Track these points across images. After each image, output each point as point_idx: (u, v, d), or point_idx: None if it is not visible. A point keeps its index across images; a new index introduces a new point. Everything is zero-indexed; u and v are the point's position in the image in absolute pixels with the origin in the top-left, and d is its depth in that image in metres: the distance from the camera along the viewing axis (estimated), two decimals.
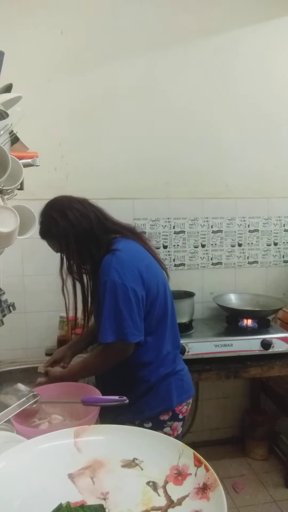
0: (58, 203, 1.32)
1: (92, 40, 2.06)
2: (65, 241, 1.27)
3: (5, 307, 1.33)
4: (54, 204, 1.32)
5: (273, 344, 1.95)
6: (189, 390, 1.39)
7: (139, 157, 2.18)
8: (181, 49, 2.17)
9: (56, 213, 1.28)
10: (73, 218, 1.27)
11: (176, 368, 1.36)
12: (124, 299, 1.19)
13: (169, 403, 1.31)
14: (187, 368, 1.43)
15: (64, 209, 1.28)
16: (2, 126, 1.06)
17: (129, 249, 1.28)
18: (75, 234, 1.26)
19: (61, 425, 1.03)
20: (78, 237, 1.26)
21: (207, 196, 2.30)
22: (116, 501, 0.67)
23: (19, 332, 2.15)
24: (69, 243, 1.27)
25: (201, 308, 2.36)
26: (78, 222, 1.27)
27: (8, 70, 1.11)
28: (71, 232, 1.26)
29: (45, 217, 1.30)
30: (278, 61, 2.29)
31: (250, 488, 2.19)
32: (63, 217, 1.27)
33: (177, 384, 1.34)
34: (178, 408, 1.33)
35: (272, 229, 2.41)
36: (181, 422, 1.37)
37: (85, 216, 1.28)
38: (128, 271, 1.21)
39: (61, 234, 1.27)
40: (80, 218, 1.27)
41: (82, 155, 2.10)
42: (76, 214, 1.28)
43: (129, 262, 1.23)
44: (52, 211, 1.29)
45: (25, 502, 0.65)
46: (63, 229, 1.26)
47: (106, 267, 1.22)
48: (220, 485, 0.63)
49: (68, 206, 1.29)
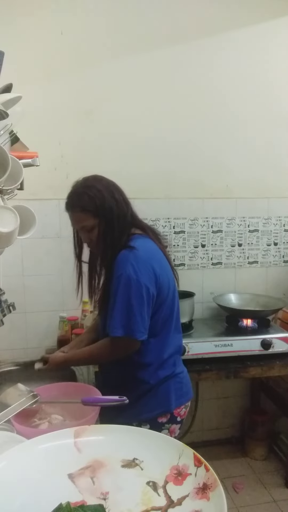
0: (104, 179, 1.27)
1: (92, 40, 2.06)
2: (105, 218, 1.22)
3: (5, 307, 1.33)
4: (100, 179, 1.27)
5: (273, 344, 1.95)
6: (188, 393, 1.38)
7: (139, 156, 2.18)
8: (181, 49, 2.17)
9: (102, 187, 1.24)
10: (119, 198, 1.24)
11: (175, 371, 1.35)
12: (136, 295, 1.18)
13: (167, 406, 1.30)
14: (186, 370, 1.42)
15: (110, 187, 1.25)
16: (2, 126, 1.06)
17: (146, 248, 1.26)
18: (117, 215, 1.22)
19: (61, 425, 1.03)
20: (119, 219, 1.23)
21: (207, 196, 2.30)
22: (116, 501, 0.67)
23: (19, 332, 2.15)
24: (108, 223, 1.22)
25: (201, 308, 2.36)
26: (121, 205, 1.24)
27: (8, 70, 1.11)
28: (115, 211, 1.22)
29: (90, 189, 1.24)
30: (278, 61, 2.29)
31: (250, 488, 2.19)
32: (110, 194, 1.23)
33: (176, 386, 1.33)
34: (176, 410, 1.32)
35: (272, 229, 2.41)
36: (179, 425, 1.36)
37: (125, 200, 1.27)
38: (144, 269, 1.20)
39: (105, 210, 1.22)
40: (122, 201, 1.25)
41: (82, 155, 2.10)
42: (120, 195, 1.25)
43: (145, 260, 1.22)
44: (98, 184, 1.24)
45: (25, 502, 0.65)
46: (109, 206, 1.22)
47: (123, 261, 1.20)
48: (220, 485, 0.63)
49: (113, 186, 1.27)
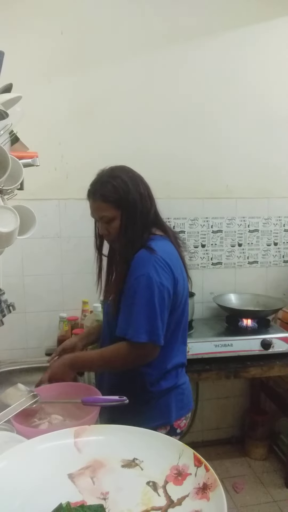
0: (131, 171, 1.23)
1: (92, 40, 2.06)
2: (127, 210, 1.17)
3: (5, 307, 1.33)
4: (128, 170, 1.23)
5: (273, 344, 1.95)
6: (188, 404, 1.34)
7: (139, 156, 2.17)
8: (181, 49, 2.17)
9: (128, 179, 1.19)
10: (144, 193, 1.19)
11: (178, 383, 1.30)
12: (159, 297, 1.12)
13: (167, 418, 1.26)
14: (188, 380, 1.37)
15: (136, 180, 1.20)
16: (2, 126, 1.06)
17: (166, 251, 1.21)
18: (140, 208, 1.18)
19: (61, 425, 1.03)
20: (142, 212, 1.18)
21: (207, 196, 2.30)
22: (116, 501, 0.67)
23: (19, 332, 2.15)
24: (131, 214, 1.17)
25: (201, 308, 2.36)
26: (145, 200, 1.19)
27: (8, 70, 1.11)
28: (138, 204, 1.17)
29: (115, 179, 1.19)
30: (279, 61, 2.29)
31: (250, 488, 2.19)
32: (135, 187, 1.18)
33: (177, 398, 1.29)
34: (176, 422, 1.28)
35: (272, 229, 2.41)
36: (178, 436, 1.30)
37: (150, 196, 1.22)
38: (165, 271, 1.15)
39: (128, 202, 1.17)
40: (147, 196, 1.20)
41: (82, 155, 2.10)
42: (145, 190, 1.21)
43: (165, 263, 1.17)
44: (124, 175, 1.20)
45: (25, 502, 0.65)
46: (133, 199, 1.17)
47: (143, 261, 1.15)
48: (220, 485, 0.63)
49: (140, 178, 1.22)
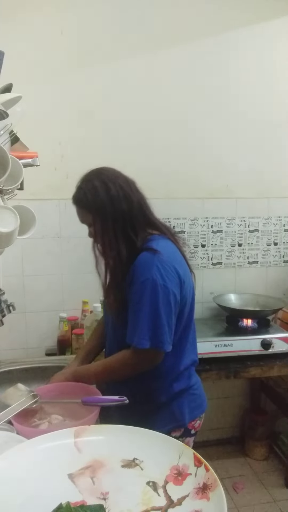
0: (105, 173, 1.20)
1: (92, 40, 2.06)
2: (98, 215, 1.16)
3: (5, 307, 1.33)
4: (100, 173, 1.20)
5: (273, 344, 1.95)
6: (202, 404, 1.31)
7: (139, 156, 2.18)
8: (181, 50, 2.17)
9: (98, 183, 1.17)
10: (115, 194, 1.15)
11: (190, 383, 1.28)
12: (164, 302, 1.09)
13: (181, 420, 1.24)
14: (200, 380, 1.35)
15: (108, 182, 1.17)
16: (2, 126, 1.06)
17: (169, 251, 1.18)
18: (112, 212, 1.15)
19: (61, 425, 1.03)
20: (115, 216, 1.15)
21: (207, 196, 2.30)
22: (116, 501, 0.67)
23: (19, 332, 2.14)
24: (103, 219, 1.16)
25: (201, 308, 2.36)
26: (119, 201, 1.15)
27: (8, 70, 1.11)
28: (108, 209, 1.15)
29: (86, 184, 1.19)
30: (278, 62, 2.29)
31: (250, 488, 2.19)
32: (105, 189, 1.15)
33: (190, 399, 1.27)
34: (190, 424, 1.26)
35: (272, 229, 2.41)
36: (193, 437, 1.30)
37: (127, 197, 1.17)
38: (170, 273, 1.12)
39: (97, 206, 1.16)
40: (122, 198, 1.16)
41: (82, 155, 2.09)
42: (119, 191, 1.16)
43: (170, 264, 1.13)
44: (96, 179, 1.18)
45: (25, 502, 0.65)
46: (101, 202, 1.15)
47: (147, 264, 1.11)
48: (220, 485, 0.63)
49: (113, 180, 1.17)
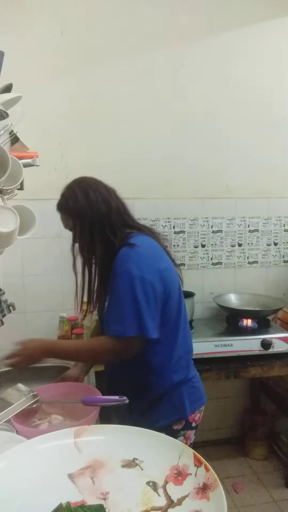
0: (85, 181, 1.30)
1: (92, 40, 2.06)
2: (78, 219, 1.25)
3: (5, 307, 1.33)
4: (81, 181, 1.30)
5: (273, 344, 1.95)
6: (202, 397, 1.35)
7: (139, 156, 2.18)
8: (181, 50, 2.17)
9: (78, 189, 1.26)
10: (94, 200, 1.24)
11: (188, 375, 1.31)
12: (142, 291, 1.14)
13: (182, 412, 1.27)
14: (198, 374, 1.39)
15: (88, 189, 1.26)
16: (2, 126, 1.06)
17: (147, 244, 1.24)
18: (90, 215, 1.23)
19: (61, 425, 1.03)
20: (93, 220, 1.23)
21: (207, 196, 2.30)
22: (116, 501, 0.67)
23: (19, 332, 2.14)
24: (81, 222, 1.24)
25: (201, 308, 2.36)
26: (97, 205, 1.24)
27: (8, 70, 1.11)
28: (87, 213, 1.23)
29: (68, 191, 1.28)
30: (278, 62, 2.29)
31: (250, 488, 2.19)
32: (84, 195, 1.24)
33: (190, 391, 1.30)
34: (191, 416, 1.29)
35: (272, 229, 2.41)
36: (194, 430, 1.33)
37: (106, 202, 1.25)
38: (147, 265, 1.17)
39: (76, 212, 1.25)
40: (101, 202, 1.24)
41: (82, 155, 2.10)
42: (98, 197, 1.25)
43: (147, 256, 1.19)
44: (76, 186, 1.28)
45: (25, 502, 0.65)
46: (80, 207, 1.24)
47: (124, 258, 1.18)
48: (220, 485, 0.63)
49: (94, 187, 1.27)
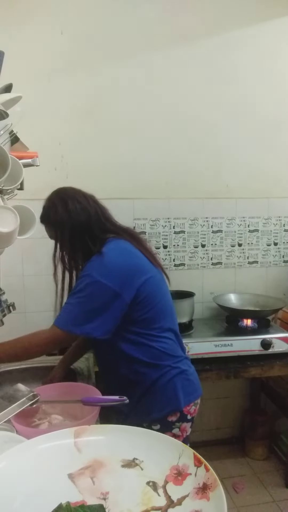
0: (63, 191, 1.35)
1: (92, 40, 2.06)
2: (59, 229, 1.30)
3: (5, 307, 1.33)
4: (60, 192, 1.35)
5: (273, 344, 1.95)
6: (197, 390, 1.37)
7: (139, 157, 2.18)
8: (181, 50, 2.17)
9: (57, 200, 1.31)
10: (72, 209, 1.29)
11: (181, 367, 1.33)
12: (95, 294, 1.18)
13: (176, 404, 1.29)
14: (194, 368, 1.41)
15: (66, 198, 1.31)
16: (2, 126, 1.06)
17: (119, 249, 1.27)
18: (70, 224, 1.28)
19: (61, 425, 1.03)
20: (73, 228, 1.28)
21: (207, 196, 2.30)
22: (116, 501, 0.67)
23: (19, 332, 2.11)
24: (62, 232, 1.30)
25: (201, 308, 2.36)
26: (76, 214, 1.28)
27: (8, 70, 1.11)
28: (67, 222, 1.28)
29: (48, 202, 1.34)
30: (278, 62, 2.29)
31: (250, 488, 2.19)
32: (63, 205, 1.29)
33: (184, 384, 1.32)
34: (186, 408, 1.31)
35: (272, 229, 2.41)
36: (190, 423, 1.35)
37: (85, 210, 1.30)
38: (109, 271, 1.20)
39: (57, 221, 1.30)
40: (80, 210, 1.29)
41: (82, 155, 2.10)
42: (77, 206, 1.30)
43: (114, 262, 1.22)
44: (55, 197, 1.33)
45: (25, 502, 0.65)
46: (60, 217, 1.29)
47: (89, 263, 1.23)
48: (220, 485, 0.63)
49: (72, 197, 1.32)
